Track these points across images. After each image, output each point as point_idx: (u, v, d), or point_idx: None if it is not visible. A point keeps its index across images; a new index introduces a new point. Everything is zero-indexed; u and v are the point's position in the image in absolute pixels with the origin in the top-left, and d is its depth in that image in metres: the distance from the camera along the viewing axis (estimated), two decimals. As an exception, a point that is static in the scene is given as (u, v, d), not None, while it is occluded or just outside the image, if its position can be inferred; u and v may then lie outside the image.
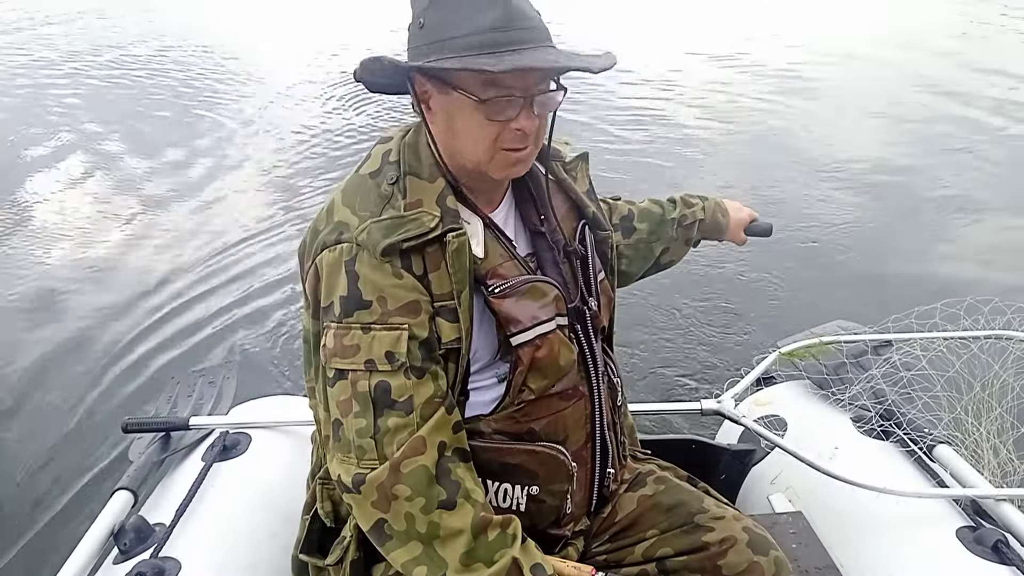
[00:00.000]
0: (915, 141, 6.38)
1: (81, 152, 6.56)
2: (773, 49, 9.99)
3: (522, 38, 0.97)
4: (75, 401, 3.18)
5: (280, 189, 5.60)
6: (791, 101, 7.59)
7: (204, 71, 9.59)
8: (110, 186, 5.80)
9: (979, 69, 8.52)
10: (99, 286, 4.18)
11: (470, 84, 0.97)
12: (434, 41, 0.97)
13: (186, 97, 8.29)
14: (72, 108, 7.86)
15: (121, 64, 10.00)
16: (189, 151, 6.50)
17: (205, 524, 1.48)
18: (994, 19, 11.79)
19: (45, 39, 11.82)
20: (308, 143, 6.59)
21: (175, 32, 12.13)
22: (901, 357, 1.81)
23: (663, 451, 1.42)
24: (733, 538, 1.14)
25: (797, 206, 5.04)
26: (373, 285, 0.98)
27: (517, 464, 1.08)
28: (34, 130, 7.11)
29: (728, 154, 6.26)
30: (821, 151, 6.13)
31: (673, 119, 7.14)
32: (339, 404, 0.99)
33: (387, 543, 0.98)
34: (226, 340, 3.62)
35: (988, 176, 5.60)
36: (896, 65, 8.92)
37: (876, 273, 4.12)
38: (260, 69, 9.64)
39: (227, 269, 4.33)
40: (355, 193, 1.04)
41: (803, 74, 8.59)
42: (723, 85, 8.26)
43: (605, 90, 7.65)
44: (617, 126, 6.78)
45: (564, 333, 1.09)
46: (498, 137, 1.00)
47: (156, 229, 4.95)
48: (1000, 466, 1.70)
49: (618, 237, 1.45)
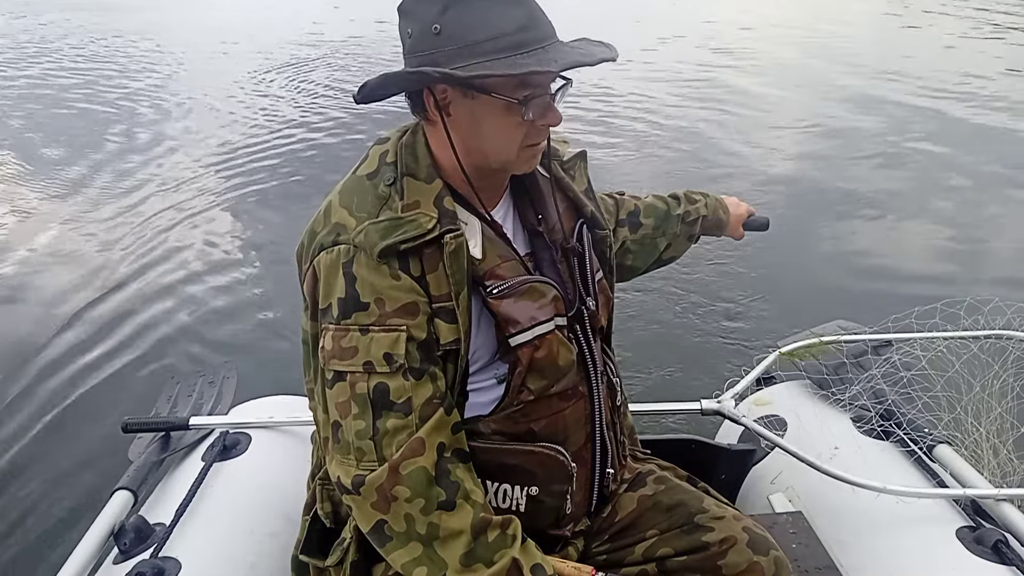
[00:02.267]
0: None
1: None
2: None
3: (544, 35, 0.97)
4: (75, 401, 3.18)
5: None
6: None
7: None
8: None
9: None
10: (100, 286, 4.20)
11: (504, 87, 0.97)
12: (460, 46, 0.94)
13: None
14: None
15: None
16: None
17: (205, 524, 1.48)
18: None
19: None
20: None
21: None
22: (901, 357, 1.81)
23: (663, 451, 1.42)
24: (733, 538, 1.14)
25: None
26: (371, 287, 0.97)
27: (516, 465, 1.07)
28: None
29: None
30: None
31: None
32: (338, 406, 0.99)
33: (387, 544, 0.98)
34: (226, 340, 3.62)
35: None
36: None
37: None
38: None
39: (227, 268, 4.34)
40: (352, 194, 1.04)
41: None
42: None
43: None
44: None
45: (563, 333, 1.09)
46: (526, 135, 1.01)
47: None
48: (1000, 466, 1.70)
49: (625, 232, 1.46)
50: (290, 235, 4.54)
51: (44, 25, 13.35)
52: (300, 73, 9.58)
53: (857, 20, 12.82)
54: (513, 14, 0.95)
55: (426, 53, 0.97)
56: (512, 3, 0.95)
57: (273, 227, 4.87)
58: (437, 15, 0.95)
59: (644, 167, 5.91)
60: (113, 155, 6.51)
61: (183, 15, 14.40)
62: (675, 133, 6.82)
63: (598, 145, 6.22)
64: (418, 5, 0.98)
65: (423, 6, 0.97)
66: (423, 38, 0.97)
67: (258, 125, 7.35)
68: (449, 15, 0.95)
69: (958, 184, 5.52)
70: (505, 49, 0.94)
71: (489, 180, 1.08)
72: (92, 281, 4.25)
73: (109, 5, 15.28)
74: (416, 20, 0.98)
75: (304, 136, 6.95)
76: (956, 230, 4.77)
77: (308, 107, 7.96)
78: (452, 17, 0.95)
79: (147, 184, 5.80)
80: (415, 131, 1.07)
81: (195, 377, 2.12)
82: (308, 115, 7.62)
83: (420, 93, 1.01)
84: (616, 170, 5.71)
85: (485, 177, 1.07)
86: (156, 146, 6.74)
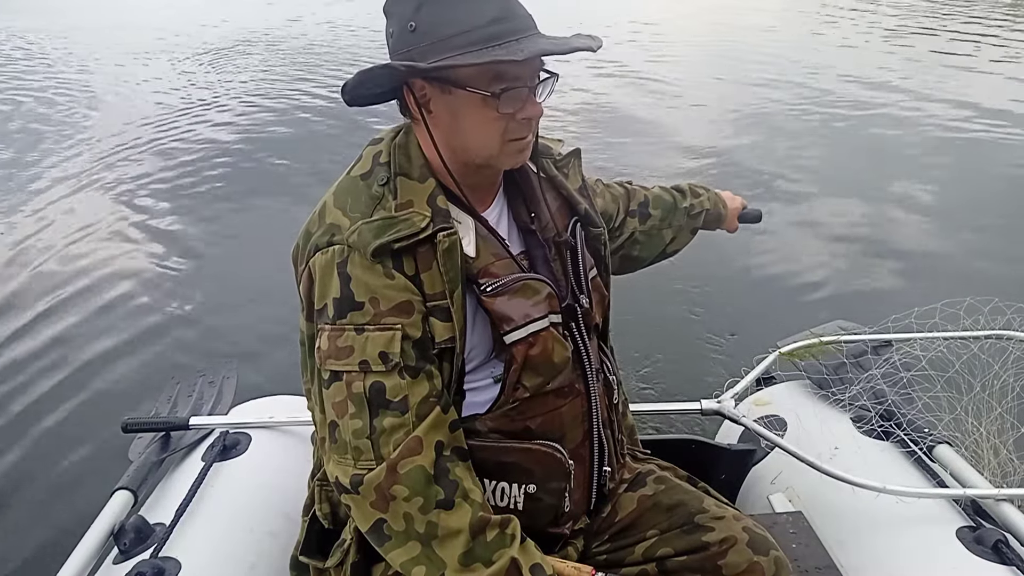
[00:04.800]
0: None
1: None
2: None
3: (521, 27, 0.97)
4: (75, 401, 3.18)
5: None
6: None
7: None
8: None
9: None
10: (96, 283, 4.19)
11: (478, 80, 0.97)
12: (433, 42, 0.96)
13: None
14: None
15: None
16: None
17: (205, 524, 1.48)
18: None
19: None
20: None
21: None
22: (901, 357, 1.81)
23: (663, 451, 1.42)
24: (733, 538, 1.14)
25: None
26: (365, 286, 0.98)
27: (514, 463, 1.07)
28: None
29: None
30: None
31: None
32: (335, 406, 0.99)
33: (386, 543, 0.98)
34: (226, 340, 3.62)
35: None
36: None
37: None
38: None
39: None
40: (346, 195, 1.04)
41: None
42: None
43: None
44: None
45: (558, 331, 1.09)
46: (506, 129, 1.01)
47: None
48: (1000, 466, 1.70)
49: (635, 223, 1.48)
50: (290, 234, 4.58)
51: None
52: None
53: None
54: (485, 8, 0.95)
55: (404, 51, 0.98)
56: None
57: (273, 227, 4.86)
58: (412, 13, 0.97)
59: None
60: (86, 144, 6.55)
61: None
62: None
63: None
64: (397, 5, 1.00)
65: (401, 5, 0.99)
66: (401, 36, 0.99)
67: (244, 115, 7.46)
68: (423, 12, 0.96)
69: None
70: (477, 42, 0.94)
71: (477, 177, 1.08)
72: (92, 281, 4.25)
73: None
74: (395, 19, 1.00)
75: (283, 127, 7.08)
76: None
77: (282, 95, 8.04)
78: (426, 14, 0.96)
79: (139, 180, 5.82)
80: (408, 131, 1.08)
81: (195, 377, 2.12)
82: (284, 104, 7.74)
83: (404, 92, 1.02)
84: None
85: (472, 174, 1.07)
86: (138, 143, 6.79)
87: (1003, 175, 5.72)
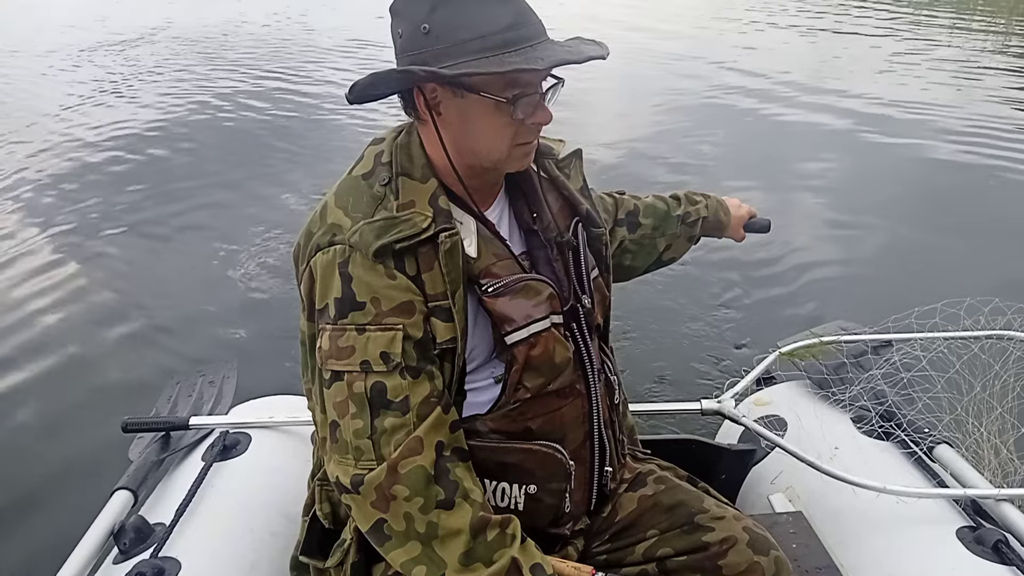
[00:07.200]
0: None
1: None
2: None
3: (534, 33, 0.97)
4: (75, 400, 3.18)
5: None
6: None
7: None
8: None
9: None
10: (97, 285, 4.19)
11: (492, 86, 0.97)
12: (448, 45, 0.95)
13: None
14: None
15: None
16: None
17: (205, 524, 1.47)
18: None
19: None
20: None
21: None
22: (901, 357, 1.81)
23: (663, 451, 1.42)
24: (733, 538, 1.14)
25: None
26: (367, 286, 0.98)
27: (515, 463, 1.07)
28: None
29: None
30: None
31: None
32: (336, 406, 0.99)
33: (386, 543, 0.98)
34: (226, 340, 3.62)
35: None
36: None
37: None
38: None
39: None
40: (348, 194, 1.04)
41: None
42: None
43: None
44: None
45: (559, 331, 1.09)
46: (516, 133, 1.01)
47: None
48: (1000, 466, 1.69)
49: (624, 232, 1.47)
50: (290, 233, 4.60)
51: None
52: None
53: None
54: (501, 13, 0.95)
55: (415, 53, 0.97)
56: (500, 2, 0.96)
57: (273, 225, 4.86)
58: (426, 15, 0.96)
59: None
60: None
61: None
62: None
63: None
64: (408, 5, 0.99)
65: (413, 6, 0.98)
66: (413, 38, 0.97)
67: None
68: (438, 14, 0.95)
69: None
70: (492, 47, 0.94)
71: (482, 179, 1.08)
72: (91, 280, 4.24)
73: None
74: (406, 20, 0.98)
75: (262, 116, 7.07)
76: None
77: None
78: (441, 16, 0.95)
79: (135, 178, 5.79)
80: (410, 131, 1.08)
81: (195, 377, 2.12)
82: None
83: (412, 93, 1.01)
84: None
85: (477, 176, 1.07)
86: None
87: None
